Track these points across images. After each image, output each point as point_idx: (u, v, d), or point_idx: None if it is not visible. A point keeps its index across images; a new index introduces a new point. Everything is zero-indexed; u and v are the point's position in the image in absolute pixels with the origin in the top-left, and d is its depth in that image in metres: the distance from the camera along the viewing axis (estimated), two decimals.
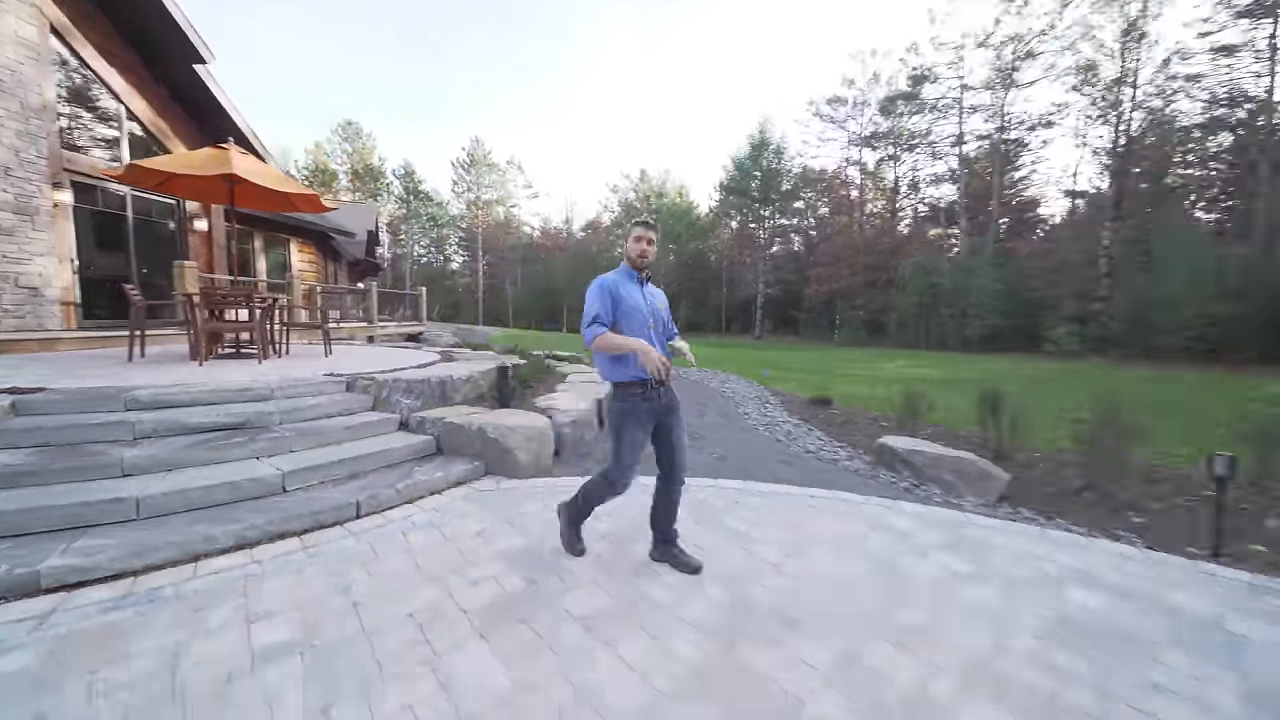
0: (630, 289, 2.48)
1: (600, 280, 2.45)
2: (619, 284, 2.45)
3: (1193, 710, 1.75)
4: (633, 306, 2.43)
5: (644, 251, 2.52)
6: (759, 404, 7.99)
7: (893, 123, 31.66)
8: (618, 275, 2.52)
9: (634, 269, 2.55)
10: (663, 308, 2.68)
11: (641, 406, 2.42)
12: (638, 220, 2.57)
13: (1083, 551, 2.96)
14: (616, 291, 2.43)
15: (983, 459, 4.14)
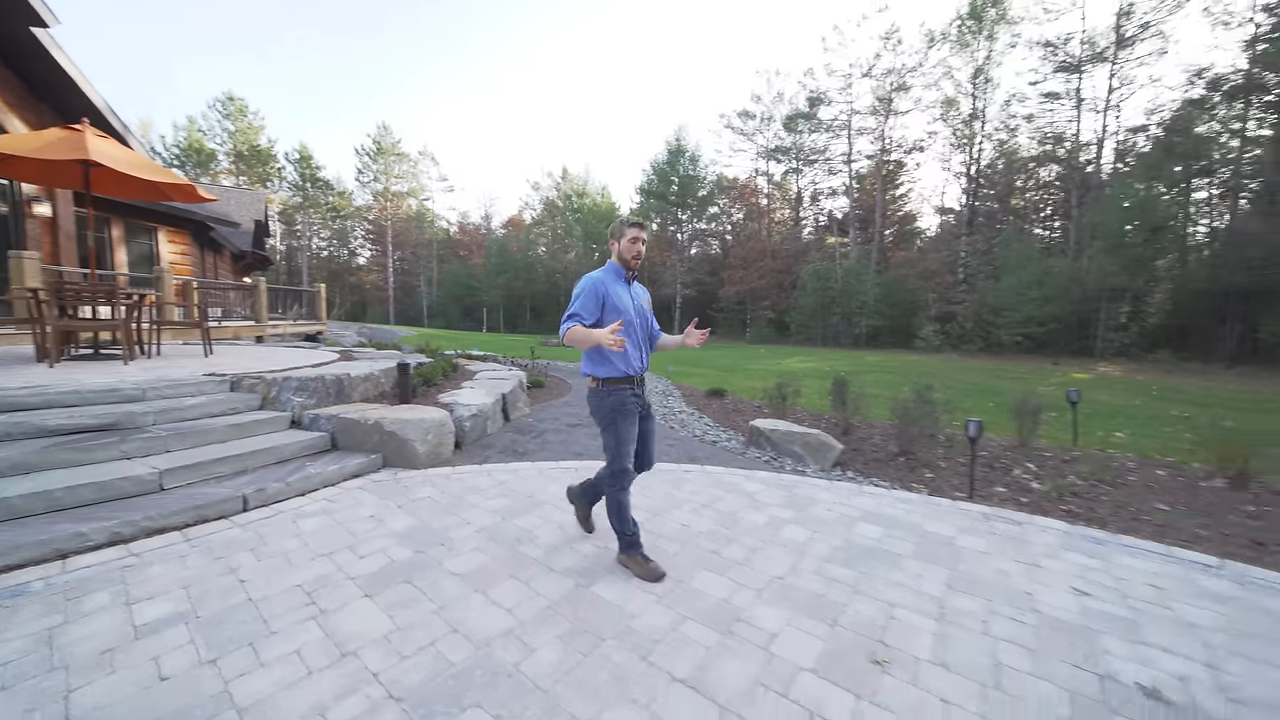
0: (618, 289, 2.47)
1: (590, 279, 2.43)
2: (607, 284, 2.43)
3: (910, 593, 2.48)
4: (620, 308, 2.42)
5: (639, 253, 2.49)
6: (662, 397, 8.63)
7: (794, 139, 34.46)
8: (606, 275, 2.48)
9: (624, 268, 2.52)
10: (647, 305, 2.67)
11: (629, 401, 2.46)
12: (632, 220, 2.50)
13: (879, 499, 3.79)
14: (604, 292, 2.41)
15: (825, 434, 5.01)
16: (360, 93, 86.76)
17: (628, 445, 2.50)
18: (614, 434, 2.48)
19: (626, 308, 2.45)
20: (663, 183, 37.55)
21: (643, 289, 2.69)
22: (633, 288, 2.58)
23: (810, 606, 2.35)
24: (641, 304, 2.60)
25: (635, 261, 2.50)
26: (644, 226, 2.53)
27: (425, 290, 50.02)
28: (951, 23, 25.05)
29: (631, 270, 2.53)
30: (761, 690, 1.82)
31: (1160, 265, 20.49)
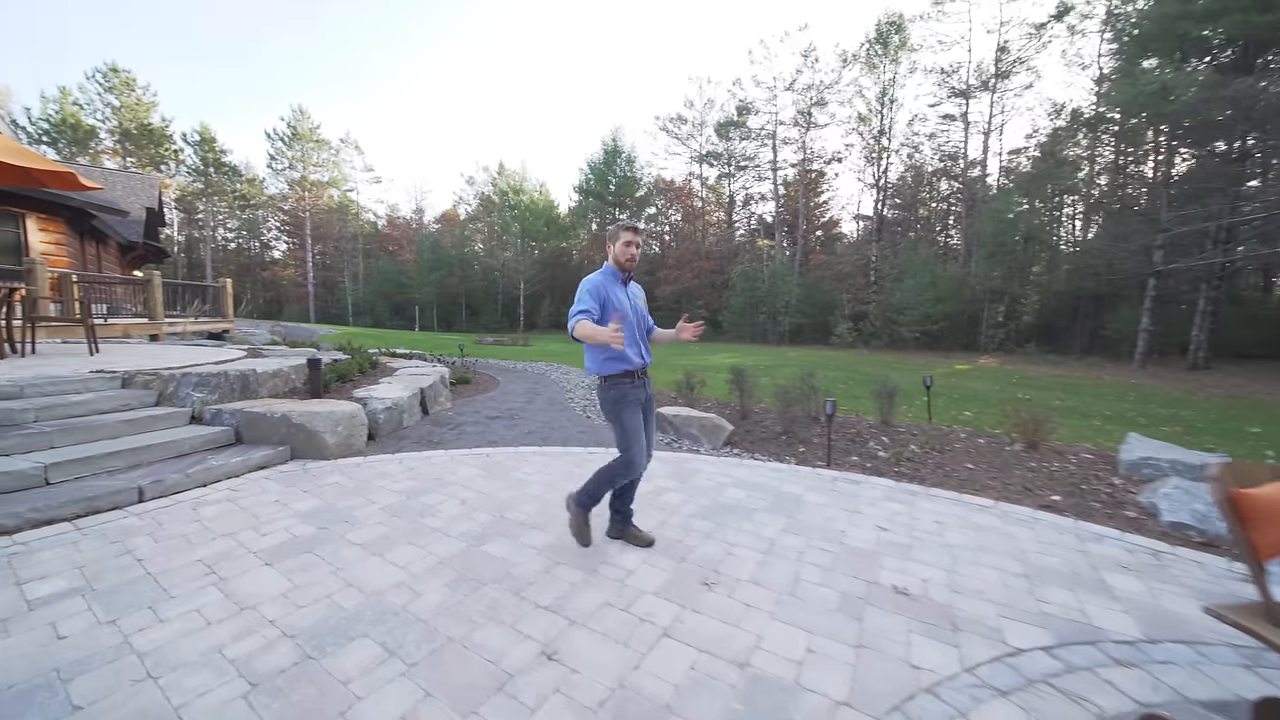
0: (616, 291, 2.61)
1: (591, 282, 2.59)
2: (606, 287, 2.58)
3: (750, 536, 3.04)
4: (619, 306, 2.58)
5: (633, 256, 2.63)
6: (587, 390, 9.02)
7: (726, 145, 36.01)
8: (604, 277, 2.61)
9: (620, 270, 2.66)
10: (642, 303, 2.82)
11: (631, 393, 2.61)
12: (625, 224, 2.64)
13: (753, 469, 4.41)
14: (604, 294, 2.56)
15: (720, 418, 5.63)
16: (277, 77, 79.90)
17: (635, 435, 2.60)
18: (620, 425, 2.62)
19: (624, 307, 2.60)
20: (600, 182, 37.89)
21: (638, 288, 2.82)
22: (629, 288, 2.71)
23: (666, 549, 2.85)
24: (637, 302, 2.74)
25: (630, 264, 2.64)
26: (638, 231, 2.66)
27: (350, 287, 47.18)
28: (862, 45, 27.43)
29: (627, 272, 2.67)
30: (608, 608, 2.28)
31: (1035, 271, 23.62)
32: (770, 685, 1.84)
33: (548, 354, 17.56)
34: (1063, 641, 2.13)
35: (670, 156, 42.88)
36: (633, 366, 2.61)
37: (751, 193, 38.87)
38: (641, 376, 2.68)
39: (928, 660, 1.99)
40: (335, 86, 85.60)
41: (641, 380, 2.67)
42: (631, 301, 2.68)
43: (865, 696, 1.79)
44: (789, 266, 28.60)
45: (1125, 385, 13.19)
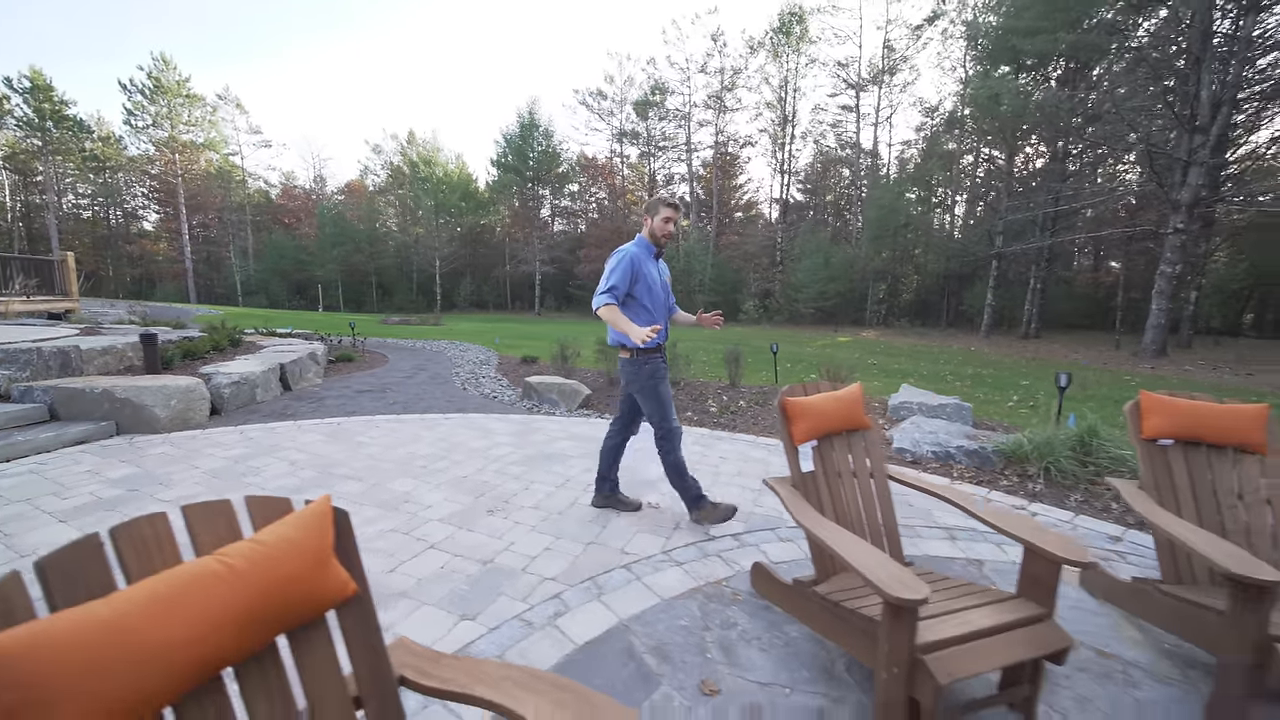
0: (649, 266, 2.66)
1: (625, 252, 2.61)
2: (641, 260, 2.62)
3: (555, 476, 3.55)
4: (650, 282, 2.64)
5: (670, 232, 2.67)
6: (476, 365, 9.20)
7: (646, 124, 36.22)
8: (639, 249, 2.64)
9: (654, 244, 2.70)
10: (668, 280, 2.87)
11: (661, 367, 2.72)
12: (667, 200, 2.64)
13: (594, 426, 4.95)
14: (638, 267, 2.59)
15: (579, 383, 6.14)
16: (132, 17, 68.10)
17: (668, 406, 2.71)
18: (655, 398, 2.69)
19: (654, 282, 2.67)
20: (518, 156, 36.72)
21: (664, 265, 2.90)
22: (659, 262, 2.78)
23: (471, 488, 3.29)
24: (666, 279, 2.83)
25: (665, 239, 2.69)
26: (678, 208, 2.70)
27: (239, 264, 42.52)
28: (766, 34, 28.60)
29: (661, 247, 2.73)
30: (392, 533, 2.68)
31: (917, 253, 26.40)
32: (499, 573, 2.34)
33: (456, 333, 17.26)
34: (750, 529, 2.83)
35: (591, 132, 42.37)
36: (661, 340, 2.70)
37: (671, 173, 39.56)
38: (662, 352, 2.80)
39: (640, 548, 2.59)
40: (205, 37, 74.81)
41: (663, 357, 2.79)
42: (662, 278, 2.75)
43: (572, 573, 2.35)
44: (704, 246, 29.73)
45: (965, 352, 15.42)
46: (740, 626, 2.00)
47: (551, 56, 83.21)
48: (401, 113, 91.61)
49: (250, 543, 0.80)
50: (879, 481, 2.10)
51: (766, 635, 1.95)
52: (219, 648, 0.71)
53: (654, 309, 2.69)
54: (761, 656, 1.84)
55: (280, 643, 0.83)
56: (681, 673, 1.74)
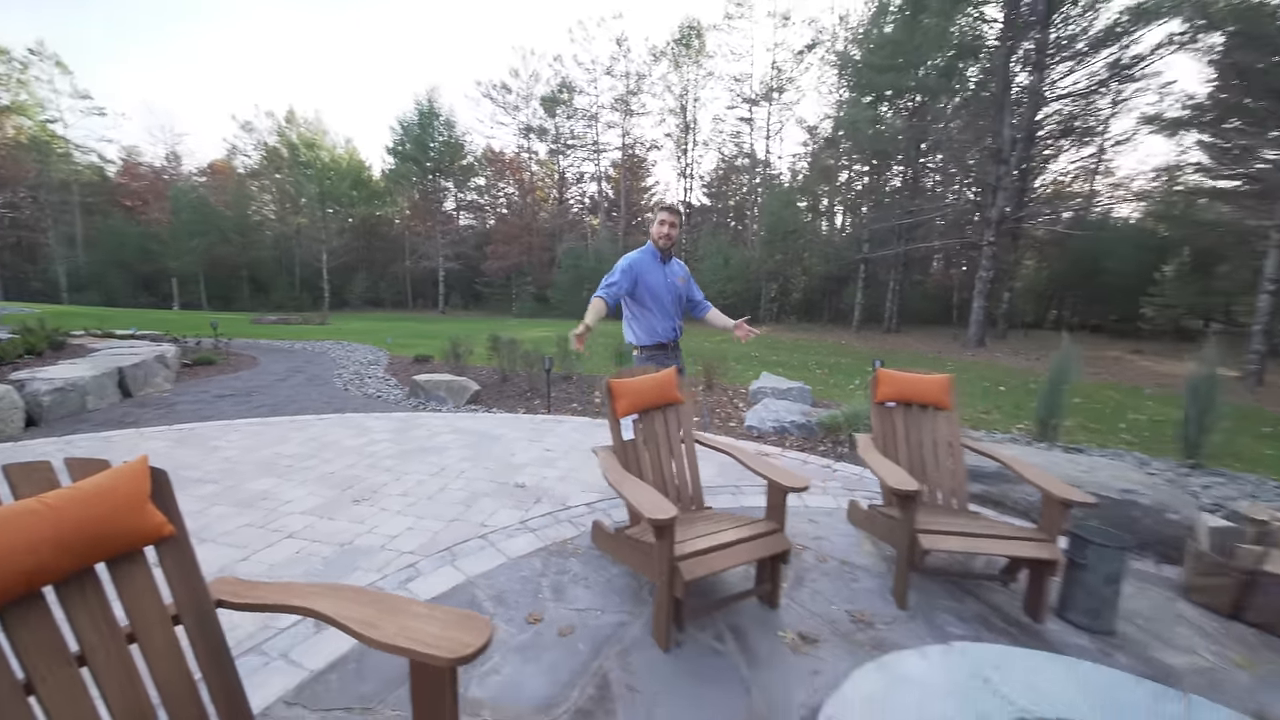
0: (652, 269, 2.86)
1: (628, 259, 2.87)
2: (643, 265, 2.84)
3: (429, 465, 3.70)
4: (653, 285, 2.85)
5: (667, 234, 2.83)
6: (364, 365, 8.80)
7: (555, 122, 35.97)
8: (642, 255, 2.88)
9: (657, 249, 2.88)
10: (682, 283, 3.01)
11: (664, 363, 2.83)
12: (664, 205, 2.88)
13: (479, 420, 5.11)
14: (638, 273, 2.82)
15: (469, 379, 6.24)
16: None
17: None
18: None
19: (658, 284, 2.86)
20: (417, 146, 34.59)
21: (680, 265, 3.04)
22: (669, 265, 2.94)
23: (338, 483, 3.35)
24: (675, 280, 2.96)
25: (664, 242, 2.85)
26: (675, 212, 2.87)
27: (63, 253, 35.48)
28: (668, 44, 29.87)
29: (665, 250, 2.89)
30: (248, 528, 2.71)
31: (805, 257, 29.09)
32: (357, 552, 2.51)
33: (345, 333, 16.07)
34: (604, 498, 3.23)
35: (497, 126, 41.30)
36: (664, 339, 2.91)
37: (582, 172, 39.67)
38: (674, 348, 2.99)
39: (500, 521, 2.88)
40: None
41: (674, 352, 2.98)
42: (669, 280, 2.92)
43: (430, 546, 2.58)
44: (613, 246, 30.28)
45: (838, 345, 17.47)
46: (573, 572, 2.38)
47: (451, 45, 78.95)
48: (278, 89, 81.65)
49: (69, 489, 1.00)
50: (687, 445, 2.60)
51: (593, 576, 2.35)
52: (38, 567, 0.92)
53: (658, 310, 2.90)
54: (586, 592, 2.24)
55: (102, 571, 1.03)
56: (513, 610, 2.08)
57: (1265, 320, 9.95)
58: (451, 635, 1.05)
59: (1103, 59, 14.60)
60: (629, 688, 1.69)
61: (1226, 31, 11.88)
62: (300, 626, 1.92)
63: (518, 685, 1.68)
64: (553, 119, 36.17)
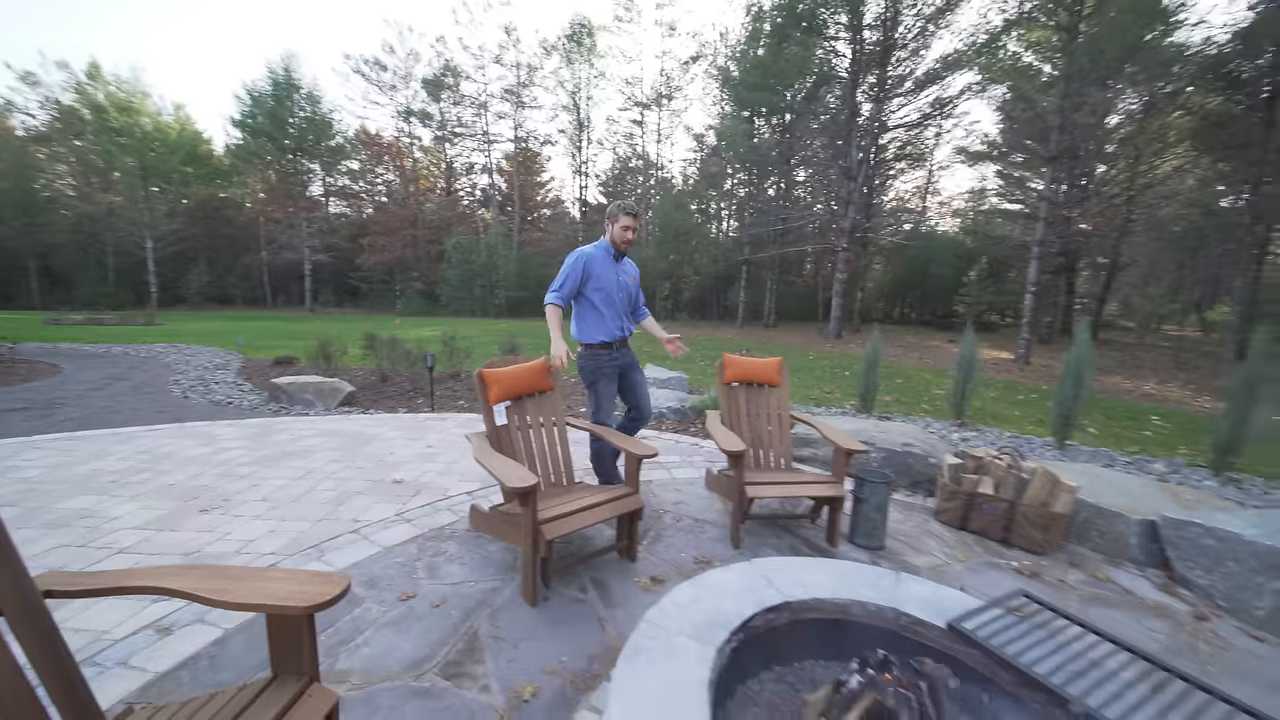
0: (605, 266, 2.82)
1: (578, 253, 2.83)
2: (594, 261, 2.80)
3: (297, 469, 3.50)
4: (604, 283, 2.80)
5: (629, 239, 2.83)
6: (209, 370, 7.74)
7: (439, 107, 33.84)
8: (596, 250, 2.84)
9: (613, 247, 2.85)
10: (633, 283, 2.99)
11: (607, 364, 2.84)
12: (628, 209, 2.83)
13: (352, 422, 4.86)
14: (590, 268, 2.78)
15: (341, 380, 5.87)
16: None
17: (606, 403, 2.85)
18: (594, 393, 2.87)
19: (609, 282, 2.82)
20: (272, 121, 30.30)
21: (632, 265, 3.04)
22: (621, 264, 2.91)
23: (180, 494, 3.06)
24: (627, 280, 2.94)
25: (624, 245, 2.86)
26: (638, 217, 2.92)
27: None
28: (559, 39, 29.73)
29: (621, 251, 2.88)
30: (62, 548, 2.41)
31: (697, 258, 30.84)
32: (206, 559, 2.38)
33: (182, 334, 13.76)
34: (483, 486, 3.35)
35: (371, 106, 37.60)
36: (610, 339, 2.86)
37: (471, 163, 37.79)
38: (620, 347, 2.93)
39: (375, 515, 2.88)
40: None
41: (620, 351, 2.93)
42: (620, 278, 2.89)
43: (295, 545, 2.52)
44: (507, 241, 29.39)
45: (723, 339, 18.92)
46: (449, 553, 2.51)
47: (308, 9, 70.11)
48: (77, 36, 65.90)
49: None
50: (560, 428, 2.84)
51: (469, 554, 2.50)
52: None
53: (607, 308, 2.84)
54: (461, 568, 2.38)
55: None
56: (385, 591, 2.17)
57: (1030, 315, 12.82)
58: (306, 589, 1.18)
59: (924, 98, 17.56)
60: (496, 638, 1.90)
61: (1006, 85, 15.01)
62: (139, 636, 1.83)
63: (387, 653, 1.80)
64: (437, 104, 34.01)
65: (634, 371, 3.03)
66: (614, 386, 2.92)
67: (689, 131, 31.13)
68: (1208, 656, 1.97)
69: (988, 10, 13.87)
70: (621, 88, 30.81)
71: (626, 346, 3.02)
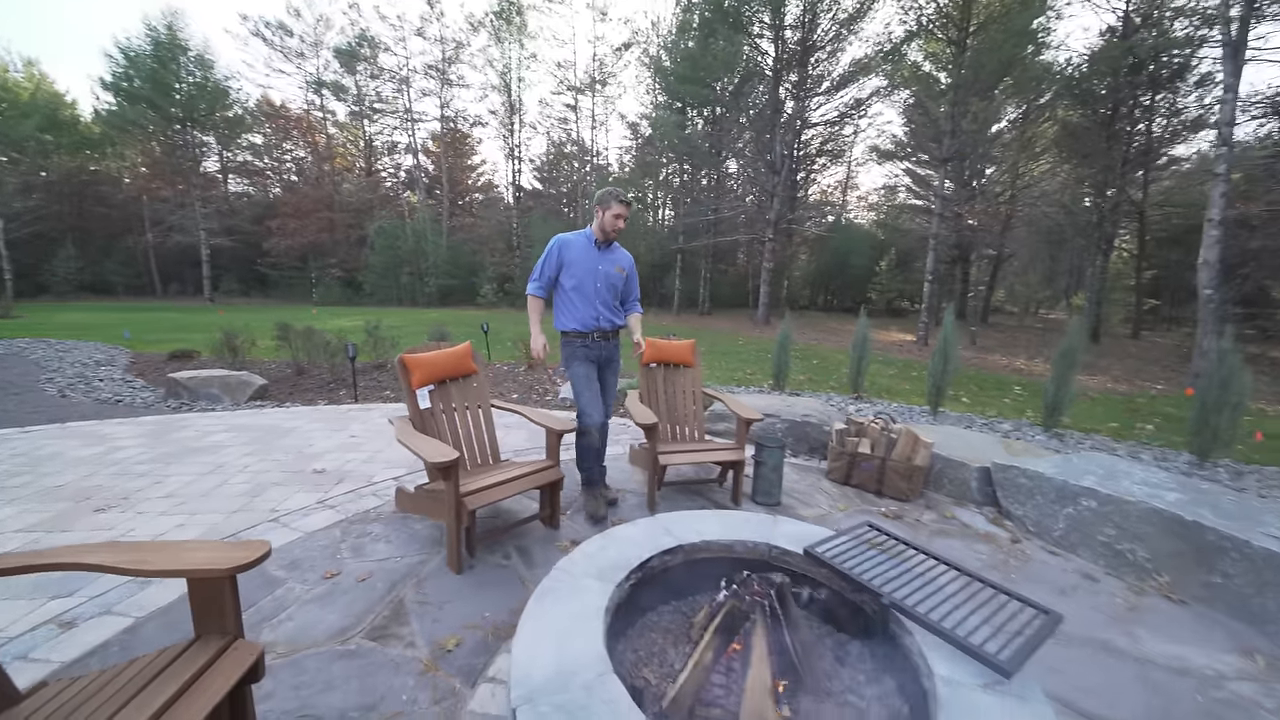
0: (586, 254, 2.73)
1: (556, 239, 2.78)
2: (570, 247, 2.73)
3: (206, 465, 3.35)
4: (577, 271, 2.71)
5: (618, 228, 2.72)
6: (90, 366, 6.95)
7: (355, 80, 31.34)
8: (576, 237, 2.77)
9: (598, 236, 2.75)
10: (619, 274, 2.84)
11: (580, 351, 2.76)
12: (621, 197, 2.69)
13: (264, 415, 4.65)
14: (564, 254, 2.72)
15: (252, 374, 5.55)
16: None
17: (583, 389, 2.74)
18: (571, 378, 2.80)
19: (583, 270, 2.71)
20: (153, 84, 26.64)
21: (624, 256, 2.93)
22: (606, 252, 2.79)
23: (69, 495, 2.87)
24: (610, 269, 2.80)
25: (612, 234, 2.75)
26: (629, 205, 2.81)
27: None
28: (487, 15, 28.48)
29: (608, 239, 2.77)
30: None
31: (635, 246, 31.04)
32: None
33: (50, 327, 12.08)
34: (410, 471, 3.40)
35: (276, 74, 34.15)
36: (583, 328, 2.75)
37: (395, 142, 35.43)
38: (598, 339, 2.79)
39: (295, 504, 2.87)
40: None
41: (598, 342, 2.80)
42: (601, 267, 2.77)
43: (207, 536, 2.49)
44: (436, 227, 28.02)
45: (659, 326, 19.40)
46: (375, 533, 2.58)
47: None
48: None
49: None
50: (485, 410, 2.96)
51: (395, 534, 2.59)
52: None
53: (578, 295, 2.74)
54: (387, 546, 2.47)
55: None
56: (308, 572, 2.22)
57: (929, 301, 14.27)
58: (227, 555, 1.28)
59: (840, 98, 18.75)
60: (421, 603, 2.04)
61: (910, 91, 16.39)
62: (39, 631, 1.79)
63: (312, 625, 1.89)
64: (352, 76, 31.52)
65: (606, 370, 2.90)
66: (591, 370, 2.79)
67: (624, 120, 31.14)
68: (1015, 569, 2.50)
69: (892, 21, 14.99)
70: (554, 70, 30.12)
71: (608, 340, 2.84)
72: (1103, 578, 2.43)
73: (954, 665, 1.28)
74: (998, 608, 1.50)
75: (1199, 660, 1.88)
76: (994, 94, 13.72)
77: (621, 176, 31.28)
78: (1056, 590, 2.31)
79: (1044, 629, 1.39)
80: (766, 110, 18.36)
